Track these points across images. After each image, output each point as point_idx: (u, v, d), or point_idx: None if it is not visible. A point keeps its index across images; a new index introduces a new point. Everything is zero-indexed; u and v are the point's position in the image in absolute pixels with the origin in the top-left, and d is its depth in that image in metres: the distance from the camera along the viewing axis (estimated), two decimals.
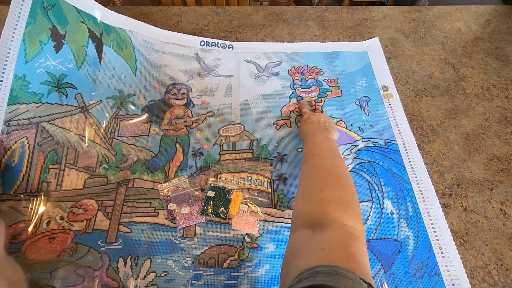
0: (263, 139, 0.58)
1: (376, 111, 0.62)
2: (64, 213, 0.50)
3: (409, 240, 0.49)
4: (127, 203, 0.51)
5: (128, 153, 0.56)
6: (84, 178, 0.53)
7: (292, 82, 0.66)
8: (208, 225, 0.49)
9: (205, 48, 0.69)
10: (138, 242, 0.48)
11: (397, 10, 0.83)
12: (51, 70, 0.54)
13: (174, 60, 0.66)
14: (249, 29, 0.76)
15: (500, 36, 0.78)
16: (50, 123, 0.53)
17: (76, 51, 0.56)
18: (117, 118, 0.58)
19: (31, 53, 0.51)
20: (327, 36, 0.75)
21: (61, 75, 0.55)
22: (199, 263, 0.46)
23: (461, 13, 0.83)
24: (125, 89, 0.61)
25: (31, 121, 0.52)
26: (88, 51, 0.58)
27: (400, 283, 0.45)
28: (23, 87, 0.51)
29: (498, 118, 0.64)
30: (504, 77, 0.70)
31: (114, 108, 0.59)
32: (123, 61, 0.62)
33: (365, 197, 0.53)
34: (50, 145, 0.53)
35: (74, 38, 0.56)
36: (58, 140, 0.53)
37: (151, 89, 0.63)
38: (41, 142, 0.52)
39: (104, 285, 0.44)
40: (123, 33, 0.62)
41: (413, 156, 0.57)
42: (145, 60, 0.64)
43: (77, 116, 0.56)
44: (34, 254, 0.46)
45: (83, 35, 0.57)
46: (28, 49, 0.51)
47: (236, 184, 0.53)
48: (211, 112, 0.61)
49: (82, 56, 0.57)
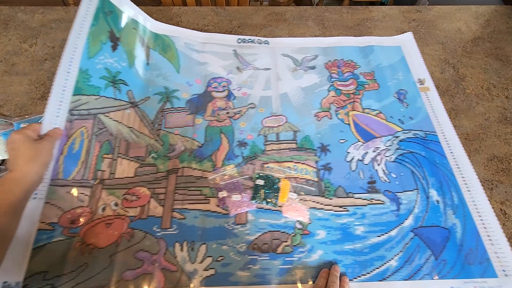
0: (305, 130, 0.59)
1: (414, 103, 0.63)
2: (118, 200, 0.51)
3: (457, 227, 0.50)
4: (178, 191, 0.52)
5: (175, 143, 0.57)
6: (135, 167, 0.54)
7: (329, 76, 0.67)
8: (259, 212, 0.51)
9: (242, 44, 0.71)
10: (192, 228, 0.49)
11: (397, 10, 0.83)
12: (108, 67, 0.59)
13: (214, 57, 0.69)
14: (249, 29, 0.77)
15: (500, 36, 0.78)
16: (105, 115, 0.56)
17: (128, 52, 0.62)
18: (163, 111, 0.61)
19: (93, 50, 0.57)
20: (327, 36, 0.76)
21: (116, 72, 0.59)
22: (253, 248, 0.48)
23: (461, 13, 0.84)
24: (170, 86, 0.63)
25: (90, 112, 0.55)
26: (138, 54, 0.63)
27: (452, 269, 0.46)
28: (85, 80, 0.56)
29: (498, 118, 0.64)
30: (504, 77, 0.70)
31: (160, 102, 0.61)
32: (168, 62, 0.66)
33: (410, 186, 0.54)
34: (105, 136, 0.55)
35: (127, 41, 0.62)
36: (112, 132, 0.56)
37: (193, 84, 0.65)
38: (97, 132, 0.55)
39: (163, 268, 0.46)
40: (167, 38, 0.68)
41: (455, 147, 0.58)
42: (187, 59, 0.67)
43: (128, 111, 0.58)
44: (93, 239, 0.48)
45: (134, 40, 0.63)
46: (91, 46, 0.57)
47: (283, 173, 0.54)
48: (253, 104, 0.63)
49: (133, 58, 0.62)
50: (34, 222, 0.48)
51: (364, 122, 0.61)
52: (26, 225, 0.47)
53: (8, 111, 0.61)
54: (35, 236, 0.47)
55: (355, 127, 0.60)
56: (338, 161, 0.56)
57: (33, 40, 0.73)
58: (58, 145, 0.51)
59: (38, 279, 0.44)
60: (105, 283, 0.44)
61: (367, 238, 0.49)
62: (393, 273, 0.46)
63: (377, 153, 0.57)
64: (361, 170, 0.55)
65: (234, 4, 1.18)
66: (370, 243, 0.48)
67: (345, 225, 0.50)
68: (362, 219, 0.50)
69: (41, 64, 0.69)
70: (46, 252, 0.46)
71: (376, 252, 0.48)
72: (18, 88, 0.65)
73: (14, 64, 0.68)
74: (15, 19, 0.77)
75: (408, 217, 0.51)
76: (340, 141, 0.58)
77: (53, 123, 0.51)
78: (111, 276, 0.45)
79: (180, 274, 0.45)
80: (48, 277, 0.44)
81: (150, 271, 0.45)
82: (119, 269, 0.45)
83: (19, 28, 0.75)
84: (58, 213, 0.49)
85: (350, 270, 0.46)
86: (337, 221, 0.50)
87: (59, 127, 0.51)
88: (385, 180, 0.54)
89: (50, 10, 0.79)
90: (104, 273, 0.45)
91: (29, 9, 0.79)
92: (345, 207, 0.51)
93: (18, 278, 0.44)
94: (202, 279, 0.45)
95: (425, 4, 1.43)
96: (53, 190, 0.50)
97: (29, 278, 0.44)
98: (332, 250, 0.48)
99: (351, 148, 0.57)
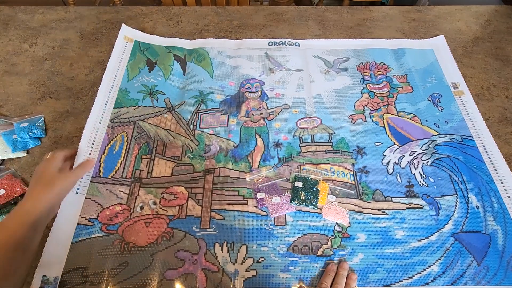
0: (340, 133, 0.59)
1: (449, 107, 0.63)
2: (156, 199, 0.51)
3: (498, 234, 0.49)
4: (216, 191, 0.52)
5: (210, 143, 0.57)
6: (171, 166, 0.55)
7: (361, 78, 0.67)
8: (297, 213, 0.50)
9: (273, 47, 0.72)
10: (232, 228, 0.49)
11: (397, 10, 0.83)
12: (145, 83, 0.65)
13: (246, 61, 0.69)
14: (250, 29, 0.77)
15: (500, 36, 0.77)
16: (144, 121, 0.60)
17: (164, 69, 0.68)
18: (198, 112, 0.62)
19: (132, 75, 0.66)
20: (327, 36, 0.76)
21: (153, 85, 0.65)
22: (293, 250, 0.47)
23: (461, 13, 0.83)
24: (204, 89, 0.65)
25: (130, 119, 0.60)
26: (174, 68, 0.68)
27: (495, 276, 0.46)
28: (125, 96, 0.63)
29: (498, 118, 0.63)
30: (504, 77, 0.69)
31: (195, 105, 0.63)
32: (202, 69, 0.68)
33: (448, 191, 0.53)
34: (144, 139, 0.58)
35: (163, 62, 0.69)
36: (150, 135, 0.58)
37: (226, 86, 0.66)
38: (137, 136, 0.58)
39: (205, 268, 0.46)
40: (201, 50, 0.71)
41: (492, 152, 0.57)
42: (220, 65, 0.69)
43: (165, 115, 0.61)
44: (132, 237, 0.48)
45: (170, 59, 0.69)
46: (130, 73, 0.66)
47: (321, 175, 0.54)
48: (286, 104, 0.63)
49: (169, 72, 0.68)
50: (75, 216, 0.48)
51: (399, 125, 0.60)
52: (67, 218, 0.48)
53: (8, 111, 0.62)
54: (74, 230, 0.47)
55: (390, 130, 0.60)
56: (375, 164, 0.56)
57: (33, 40, 0.73)
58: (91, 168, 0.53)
59: (76, 275, 0.44)
60: (147, 282, 0.44)
61: (407, 242, 0.48)
62: (435, 278, 0.46)
63: (414, 157, 0.57)
64: (398, 174, 0.55)
65: (234, 4, 1.18)
66: (411, 247, 0.48)
67: (385, 228, 0.50)
68: (401, 223, 0.50)
69: (41, 64, 0.69)
70: (85, 247, 0.47)
71: (417, 256, 0.47)
72: (18, 88, 0.65)
73: (14, 64, 0.69)
74: (15, 19, 0.77)
75: (448, 222, 0.50)
76: (376, 144, 0.58)
77: (96, 128, 0.57)
78: (153, 275, 0.45)
79: (221, 275, 0.45)
80: (87, 274, 0.45)
81: (192, 271, 0.45)
82: (160, 268, 0.45)
83: (19, 28, 0.75)
84: (97, 209, 0.49)
85: (392, 274, 0.46)
86: (377, 225, 0.50)
87: (93, 159, 0.54)
88: (423, 184, 0.54)
89: (50, 10, 0.79)
90: (145, 272, 0.45)
91: (29, 9, 0.79)
92: (383, 211, 0.51)
93: (57, 273, 0.44)
94: (244, 280, 0.45)
95: (425, 4, 1.42)
96: (94, 186, 0.51)
97: (67, 273, 0.44)
98: (373, 254, 0.47)
99: (387, 151, 0.57)
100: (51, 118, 0.61)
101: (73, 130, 0.59)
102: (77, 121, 0.60)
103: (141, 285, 0.44)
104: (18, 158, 0.56)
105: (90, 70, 0.68)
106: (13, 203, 0.51)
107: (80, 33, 0.75)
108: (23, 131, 0.57)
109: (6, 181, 0.51)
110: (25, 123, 0.58)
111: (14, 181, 0.52)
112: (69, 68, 0.69)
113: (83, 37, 0.75)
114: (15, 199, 0.51)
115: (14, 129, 0.57)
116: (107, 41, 0.74)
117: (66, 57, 0.71)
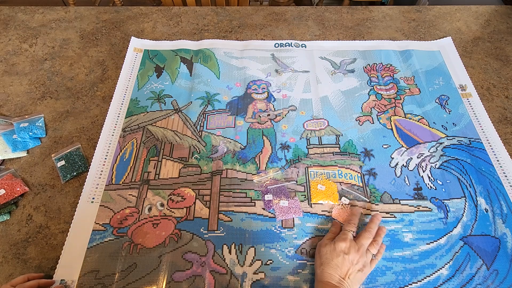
0: (348, 134, 0.59)
1: (457, 109, 0.62)
2: (163, 200, 0.51)
3: (507, 237, 0.49)
4: (223, 193, 0.52)
5: (217, 144, 0.57)
6: (179, 167, 0.55)
7: (369, 79, 0.67)
8: (305, 216, 0.50)
9: (280, 48, 0.72)
10: (240, 230, 0.49)
11: (397, 10, 0.82)
12: (154, 89, 0.66)
13: (252, 62, 0.69)
14: (249, 29, 0.77)
15: (500, 36, 0.77)
16: (153, 125, 0.60)
17: (171, 73, 0.68)
18: (205, 113, 0.62)
19: (142, 83, 0.67)
20: (327, 36, 0.75)
21: (160, 90, 0.66)
22: (301, 252, 0.47)
23: (461, 13, 0.82)
24: (211, 90, 0.65)
25: (139, 126, 0.60)
26: (180, 70, 0.69)
27: (504, 280, 0.45)
28: (135, 104, 0.63)
29: (498, 118, 0.63)
30: (504, 77, 0.69)
31: (202, 106, 0.63)
32: (209, 70, 0.68)
33: (457, 194, 0.53)
34: (152, 142, 0.58)
35: (170, 66, 0.69)
36: (158, 137, 0.58)
37: (233, 88, 0.66)
38: (145, 140, 0.58)
39: (212, 270, 0.45)
40: (207, 51, 0.71)
41: (501, 155, 0.57)
42: (227, 66, 0.69)
43: (172, 117, 0.61)
44: (141, 239, 0.48)
45: (176, 62, 0.70)
46: (140, 82, 0.67)
47: (327, 177, 0.54)
48: (293, 106, 0.62)
49: (176, 75, 0.68)
50: (90, 223, 0.49)
51: (407, 127, 0.60)
52: (82, 226, 0.49)
53: (8, 111, 0.62)
54: (90, 236, 0.48)
55: (397, 132, 0.59)
56: (383, 166, 0.55)
57: (33, 40, 0.73)
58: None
59: (90, 278, 0.45)
60: (155, 284, 0.44)
61: (416, 246, 0.48)
62: (445, 281, 0.45)
63: (422, 159, 0.56)
64: (406, 176, 0.54)
65: (234, 4, 1.17)
66: (420, 250, 0.48)
67: (393, 231, 0.49)
68: (410, 226, 0.50)
69: (41, 64, 0.69)
70: (98, 251, 0.47)
71: (426, 260, 0.47)
72: (18, 88, 0.65)
73: (14, 64, 0.69)
74: (15, 19, 0.77)
75: (456, 225, 0.50)
76: (383, 146, 0.58)
77: (109, 141, 0.58)
78: (161, 277, 0.45)
79: (230, 277, 0.45)
80: (99, 276, 0.45)
81: (200, 273, 0.45)
82: (168, 270, 0.45)
83: (19, 28, 0.76)
84: (109, 214, 0.50)
85: (401, 277, 0.46)
86: (385, 227, 0.49)
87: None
88: (431, 187, 0.53)
89: (50, 10, 0.80)
90: (154, 274, 0.45)
91: (29, 9, 0.80)
92: (392, 214, 0.51)
93: (74, 277, 0.44)
94: (253, 283, 0.45)
95: (425, 4, 1.41)
96: (107, 194, 0.52)
97: (82, 277, 0.45)
98: (381, 257, 0.47)
99: (395, 154, 0.57)
100: (51, 118, 0.61)
101: (73, 130, 0.60)
102: (77, 121, 0.61)
103: (149, 287, 0.44)
104: (18, 158, 0.56)
105: (90, 70, 0.69)
106: (13, 203, 0.51)
107: (80, 33, 0.75)
108: (23, 131, 0.57)
109: (6, 181, 0.52)
110: (25, 123, 0.58)
111: (14, 181, 0.52)
112: (69, 68, 0.69)
113: (83, 37, 0.75)
114: (15, 199, 0.51)
115: (14, 129, 0.57)
116: (107, 41, 0.74)
117: (66, 57, 0.71)
